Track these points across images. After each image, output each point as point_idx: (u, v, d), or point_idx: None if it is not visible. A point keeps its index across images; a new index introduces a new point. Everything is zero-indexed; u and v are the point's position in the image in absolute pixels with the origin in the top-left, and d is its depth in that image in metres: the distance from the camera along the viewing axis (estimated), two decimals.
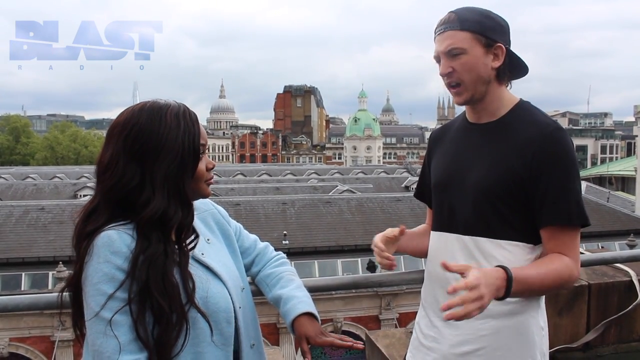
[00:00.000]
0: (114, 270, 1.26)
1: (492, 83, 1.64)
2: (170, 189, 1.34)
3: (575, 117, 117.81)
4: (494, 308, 1.58)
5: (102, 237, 1.28)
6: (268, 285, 1.68)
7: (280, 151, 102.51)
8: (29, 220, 19.08)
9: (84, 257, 1.29)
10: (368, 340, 2.66)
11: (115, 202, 1.33)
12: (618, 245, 18.97)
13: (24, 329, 15.22)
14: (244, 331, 1.47)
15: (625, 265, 2.53)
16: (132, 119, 1.36)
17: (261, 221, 20.14)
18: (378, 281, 1.93)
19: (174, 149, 1.35)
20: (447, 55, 1.62)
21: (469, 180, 1.64)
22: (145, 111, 1.37)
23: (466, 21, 1.60)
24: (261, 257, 1.72)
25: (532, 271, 1.51)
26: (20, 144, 76.16)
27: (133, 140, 1.34)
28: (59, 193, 30.05)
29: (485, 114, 1.68)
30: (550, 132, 1.56)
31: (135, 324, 1.25)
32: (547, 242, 1.59)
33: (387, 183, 35.76)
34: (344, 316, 17.48)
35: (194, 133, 1.38)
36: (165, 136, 1.34)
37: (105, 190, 1.34)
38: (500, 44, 1.61)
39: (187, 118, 1.39)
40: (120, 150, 1.34)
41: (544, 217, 1.57)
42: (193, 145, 1.38)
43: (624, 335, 2.46)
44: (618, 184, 49.51)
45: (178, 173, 1.35)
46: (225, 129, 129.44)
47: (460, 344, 1.62)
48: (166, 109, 1.38)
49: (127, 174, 1.32)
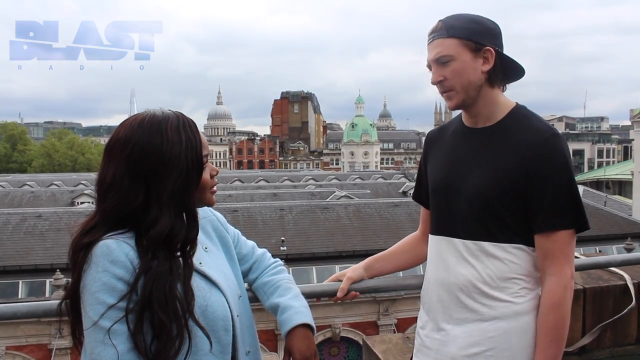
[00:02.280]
0: (113, 280, 1.26)
1: (484, 87, 1.65)
2: (177, 206, 1.33)
3: (572, 122, 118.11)
4: (501, 310, 1.61)
5: (100, 246, 1.28)
6: (265, 294, 1.67)
7: (278, 157, 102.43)
8: (26, 227, 19.02)
9: (81, 266, 1.29)
10: (365, 346, 2.67)
11: (116, 220, 1.32)
12: (615, 249, 18.98)
13: (20, 337, 15.12)
14: (240, 339, 1.47)
15: (620, 269, 2.54)
16: (132, 137, 1.33)
17: (259, 227, 20.11)
18: (374, 287, 1.94)
19: (179, 165, 1.33)
20: (436, 63, 1.64)
21: (467, 185, 1.65)
22: (145, 127, 1.34)
23: (452, 28, 1.62)
24: (259, 264, 1.72)
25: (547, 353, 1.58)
26: (17, 152, 75.87)
27: (136, 160, 1.32)
28: (56, 200, 29.97)
29: (480, 118, 1.69)
30: (547, 138, 1.58)
31: (133, 334, 1.25)
32: (540, 248, 1.61)
33: (385, 188, 35.78)
34: (342, 322, 17.43)
35: (196, 145, 1.37)
36: (168, 153, 1.32)
37: (108, 209, 1.33)
38: (489, 47, 1.62)
39: (188, 130, 1.37)
40: (124, 170, 1.32)
41: (538, 223, 1.59)
42: (196, 158, 1.36)
43: (620, 339, 2.47)
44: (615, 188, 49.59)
45: (184, 188, 1.34)
46: (222, 135, 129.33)
47: (469, 345, 1.63)
48: (166, 123, 1.35)
49: (132, 193, 1.31)
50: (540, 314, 1.60)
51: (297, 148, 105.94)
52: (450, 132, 1.81)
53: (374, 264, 1.94)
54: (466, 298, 1.64)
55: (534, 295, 1.63)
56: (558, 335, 1.58)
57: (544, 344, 1.58)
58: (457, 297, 1.66)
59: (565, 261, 1.59)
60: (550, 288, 1.58)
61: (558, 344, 1.59)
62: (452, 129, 1.80)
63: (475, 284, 1.63)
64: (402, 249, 1.99)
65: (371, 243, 19.00)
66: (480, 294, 1.62)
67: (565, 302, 1.58)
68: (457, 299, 1.66)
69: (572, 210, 1.58)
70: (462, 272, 1.65)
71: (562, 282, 1.58)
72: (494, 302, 1.61)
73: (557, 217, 1.57)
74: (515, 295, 1.61)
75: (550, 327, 1.58)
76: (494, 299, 1.61)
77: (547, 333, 1.58)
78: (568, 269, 1.59)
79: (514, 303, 1.60)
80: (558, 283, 1.58)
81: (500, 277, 1.61)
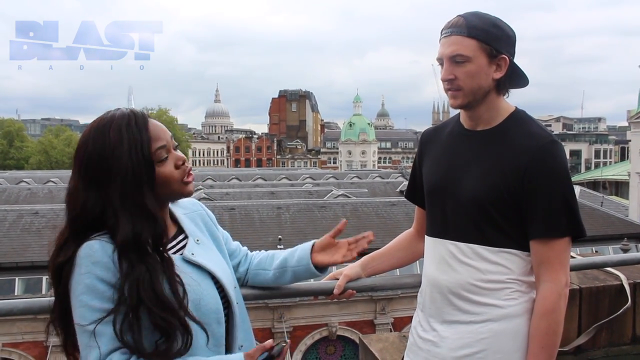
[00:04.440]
0: (95, 282, 1.26)
1: (491, 93, 1.64)
2: (131, 208, 1.30)
3: (569, 122, 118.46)
4: (493, 312, 1.61)
5: (84, 248, 1.28)
6: (264, 269, 1.75)
7: (275, 156, 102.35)
8: (23, 224, 18.96)
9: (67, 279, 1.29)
10: (362, 345, 2.67)
11: (84, 230, 1.31)
12: (612, 250, 19.02)
13: (16, 334, 15.09)
14: (237, 328, 1.48)
15: (616, 269, 2.55)
16: (83, 145, 1.33)
17: (256, 225, 20.09)
18: (371, 285, 1.94)
19: (122, 167, 1.30)
20: (450, 60, 1.60)
21: (463, 188, 1.65)
22: (92, 132, 1.34)
23: (474, 28, 1.57)
24: (246, 257, 1.78)
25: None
26: (14, 148, 75.67)
27: (85, 167, 1.32)
28: (53, 197, 29.83)
29: (481, 121, 1.68)
30: (544, 144, 1.57)
31: (120, 334, 1.24)
32: (535, 254, 1.60)
33: (382, 187, 35.74)
34: (338, 321, 17.43)
35: (141, 142, 1.33)
36: (110, 156, 1.30)
37: (72, 220, 1.33)
38: (504, 55, 1.60)
39: (133, 127, 1.33)
40: (78, 179, 1.32)
41: (534, 230, 1.58)
42: (142, 155, 1.32)
43: (615, 339, 2.48)
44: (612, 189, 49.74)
45: (135, 189, 1.31)
46: (220, 133, 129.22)
47: (460, 347, 1.63)
48: (109, 125, 1.33)
49: (88, 202, 1.30)
50: (533, 319, 1.59)
51: (295, 146, 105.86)
52: (446, 132, 1.79)
53: (370, 262, 1.94)
54: (458, 300, 1.65)
55: (527, 298, 1.63)
56: (550, 342, 1.58)
57: (535, 349, 1.58)
58: (449, 299, 1.66)
59: (560, 268, 1.58)
60: (544, 294, 1.58)
61: (549, 351, 1.58)
62: (449, 130, 1.79)
63: (468, 286, 1.63)
64: (398, 246, 1.99)
65: None
66: (472, 296, 1.62)
67: (559, 309, 1.58)
68: (449, 301, 1.66)
69: (568, 218, 1.57)
70: (455, 275, 1.65)
71: (557, 289, 1.57)
72: (485, 304, 1.61)
73: (552, 224, 1.56)
74: (508, 299, 1.60)
75: (543, 334, 1.57)
76: (486, 301, 1.61)
77: (539, 339, 1.58)
78: (563, 276, 1.58)
79: (506, 306, 1.60)
80: (552, 290, 1.57)
81: (493, 280, 1.61)
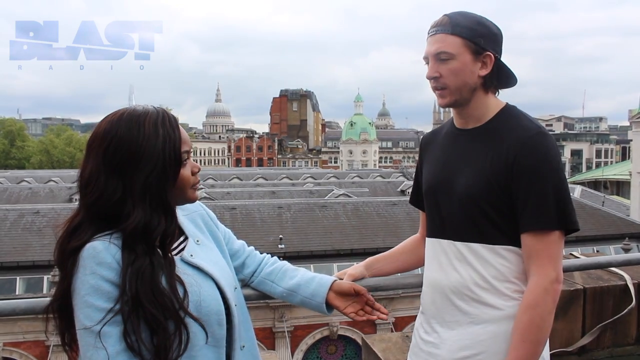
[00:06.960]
0: (101, 282, 1.25)
1: (478, 90, 1.64)
2: (152, 200, 1.31)
3: (571, 122, 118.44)
4: (492, 313, 1.59)
5: (87, 249, 1.27)
6: (274, 282, 1.70)
7: (276, 155, 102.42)
8: (24, 224, 18.99)
9: (71, 271, 1.28)
10: (365, 345, 2.66)
11: (100, 217, 1.31)
12: (613, 249, 18.98)
13: (18, 333, 15.11)
14: (237, 329, 1.46)
15: (620, 269, 2.54)
16: (111, 131, 1.33)
17: (257, 225, 20.11)
18: (374, 285, 1.93)
19: (153, 158, 1.31)
20: (435, 58, 1.62)
21: (457, 187, 1.64)
22: (123, 121, 1.34)
23: (458, 26, 1.59)
24: (252, 258, 1.74)
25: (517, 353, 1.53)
26: (15, 148, 75.86)
27: (112, 153, 1.31)
28: (54, 197, 29.89)
29: (471, 119, 1.68)
30: (531, 136, 1.56)
31: (124, 335, 1.24)
32: (525, 248, 1.57)
33: (383, 187, 35.76)
34: (339, 320, 17.44)
35: (174, 139, 1.35)
36: (144, 146, 1.31)
37: (88, 205, 1.32)
38: (489, 52, 1.61)
39: (167, 124, 1.35)
40: (101, 164, 1.32)
41: (522, 222, 1.56)
42: (174, 152, 1.34)
43: (619, 339, 2.47)
44: (613, 188, 49.73)
45: (159, 182, 1.32)
46: (221, 132, 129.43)
47: (459, 349, 1.62)
48: (145, 116, 1.34)
49: (109, 188, 1.30)
50: (517, 312, 1.56)
51: (296, 146, 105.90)
52: (442, 134, 1.81)
53: (374, 263, 1.94)
54: (458, 300, 1.63)
55: None
56: (531, 337, 1.53)
57: (516, 342, 1.54)
58: (449, 300, 1.65)
59: (549, 262, 1.54)
60: (529, 288, 1.55)
61: (530, 346, 1.53)
62: (445, 131, 1.80)
63: (467, 286, 1.62)
64: (402, 250, 1.98)
65: (369, 242, 19.01)
66: (472, 297, 1.61)
67: (543, 304, 1.53)
68: (450, 302, 1.65)
69: (558, 211, 1.54)
70: (454, 275, 1.64)
71: (542, 283, 1.53)
72: (485, 304, 1.60)
73: (541, 216, 1.53)
74: (507, 299, 1.59)
75: (524, 327, 1.53)
76: (485, 301, 1.60)
77: (520, 332, 1.53)
78: (552, 270, 1.54)
79: (505, 307, 1.58)
80: (537, 284, 1.53)
81: (492, 279, 1.59)
